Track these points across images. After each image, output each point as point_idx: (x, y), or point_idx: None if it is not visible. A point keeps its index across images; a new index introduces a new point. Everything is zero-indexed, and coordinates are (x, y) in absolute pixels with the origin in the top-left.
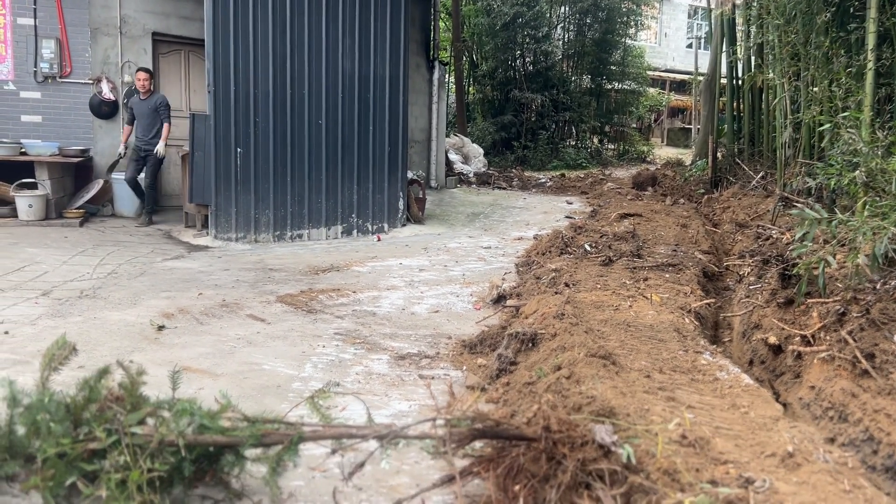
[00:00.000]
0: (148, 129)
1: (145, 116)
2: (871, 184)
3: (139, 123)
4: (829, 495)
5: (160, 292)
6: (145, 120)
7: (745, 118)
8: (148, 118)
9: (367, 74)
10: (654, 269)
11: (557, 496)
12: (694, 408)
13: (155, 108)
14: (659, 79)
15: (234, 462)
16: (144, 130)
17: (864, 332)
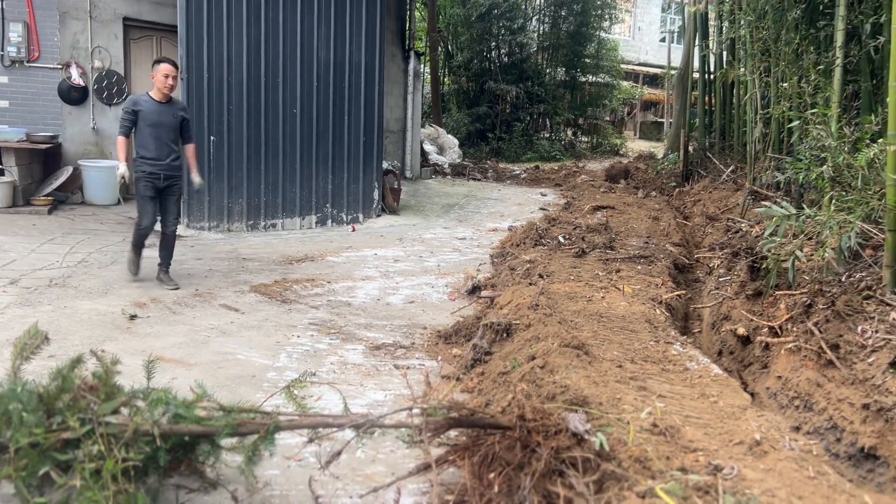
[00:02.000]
0: (168, 146)
1: (165, 129)
2: (838, 179)
3: (154, 138)
4: (794, 482)
5: (132, 281)
6: (165, 134)
7: (717, 112)
8: (168, 132)
9: (342, 63)
10: (626, 260)
11: (531, 483)
12: (665, 397)
13: (181, 118)
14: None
15: (209, 451)
16: (162, 149)
17: (829, 324)
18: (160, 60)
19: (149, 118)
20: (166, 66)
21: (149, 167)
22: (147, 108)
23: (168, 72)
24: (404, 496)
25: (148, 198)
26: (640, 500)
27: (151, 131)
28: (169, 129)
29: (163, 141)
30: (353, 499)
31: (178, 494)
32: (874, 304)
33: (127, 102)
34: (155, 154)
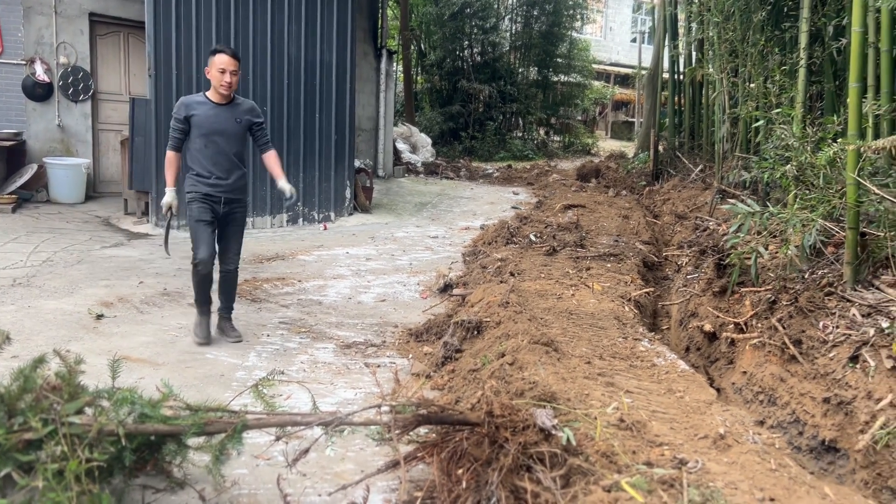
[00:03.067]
0: (231, 161)
1: (226, 139)
2: (802, 177)
3: (212, 152)
4: (757, 474)
5: (98, 281)
6: (226, 145)
7: (686, 112)
8: (231, 142)
9: (313, 61)
10: (596, 258)
11: (499, 479)
12: (632, 392)
13: (248, 123)
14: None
15: (176, 451)
16: (223, 165)
17: (792, 320)
18: (216, 50)
19: (204, 125)
20: (223, 57)
21: (204, 187)
22: (202, 114)
23: (225, 65)
24: (373, 493)
25: (204, 223)
26: (606, 494)
27: (208, 143)
28: (232, 139)
29: (223, 154)
30: (322, 497)
31: (144, 494)
32: (835, 300)
33: (177, 106)
34: (213, 171)
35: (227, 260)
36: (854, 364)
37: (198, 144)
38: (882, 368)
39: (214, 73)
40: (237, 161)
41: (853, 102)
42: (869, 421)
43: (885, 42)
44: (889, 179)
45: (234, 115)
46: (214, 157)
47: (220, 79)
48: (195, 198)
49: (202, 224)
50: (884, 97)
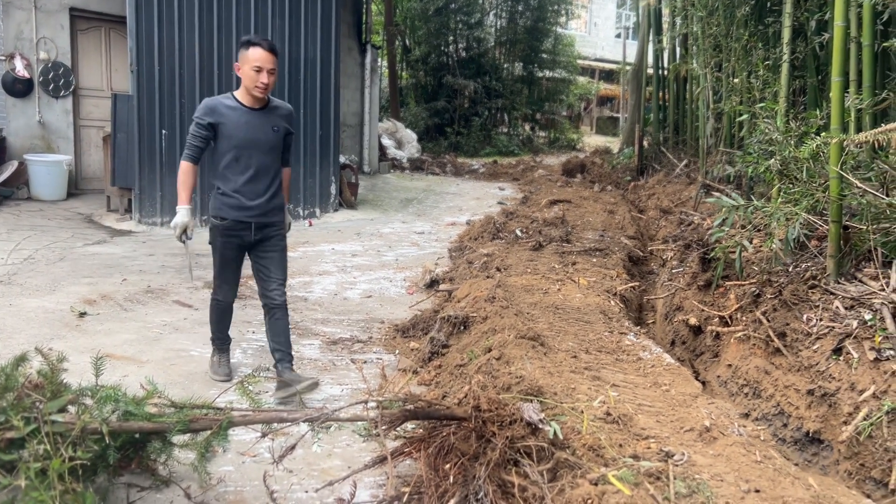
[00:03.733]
0: (264, 175)
1: (260, 151)
2: (785, 171)
3: (242, 166)
4: (742, 466)
5: (81, 278)
6: (259, 158)
7: (671, 108)
8: (265, 155)
9: (297, 56)
10: (582, 253)
11: (486, 473)
12: (618, 386)
13: (285, 132)
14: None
15: (161, 449)
16: (256, 182)
17: (776, 313)
18: (249, 42)
19: (235, 136)
20: (258, 52)
21: (233, 211)
22: (233, 121)
23: (261, 62)
24: (361, 489)
25: (228, 259)
26: (593, 487)
27: (239, 156)
28: (267, 151)
29: (257, 170)
30: (309, 493)
31: (128, 493)
32: (819, 292)
33: (201, 109)
34: (244, 192)
35: (272, 292)
36: (837, 356)
37: (226, 158)
38: (865, 360)
39: (247, 70)
40: (273, 176)
41: (836, 96)
42: (852, 412)
43: (866, 36)
44: (871, 173)
45: (270, 122)
46: (246, 173)
47: (255, 79)
48: (219, 225)
49: (226, 260)
50: (865, 91)
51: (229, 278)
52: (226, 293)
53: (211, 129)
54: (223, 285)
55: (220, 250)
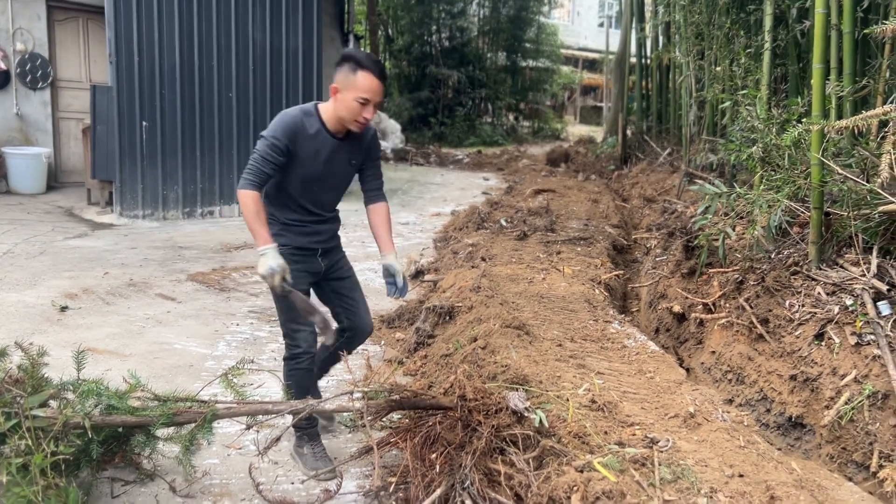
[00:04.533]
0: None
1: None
2: (767, 159)
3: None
4: (726, 451)
5: (62, 272)
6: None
7: (654, 96)
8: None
9: (279, 46)
10: (566, 242)
11: (472, 462)
12: (603, 374)
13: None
14: (572, 57)
15: (144, 442)
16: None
17: (759, 299)
18: (359, 63)
19: (312, 166)
20: (370, 81)
21: (299, 237)
22: (313, 149)
23: (371, 94)
24: (347, 480)
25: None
26: (579, 475)
27: (311, 187)
28: (334, 187)
29: (327, 197)
30: (295, 484)
31: (112, 487)
32: (801, 279)
33: (279, 128)
34: (311, 215)
35: (363, 323)
36: (819, 341)
37: (294, 186)
38: (846, 345)
39: (349, 100)
40: (335, 205)
41: (817, 83)
42: (834, 397)
43: (847, 24)
44: (852, 160)
45: (350, 155)
46: (316, 200)
47: (358, 113)
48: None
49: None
50: (846, 78)
51: (307, 326)
52: (305, 336)
53: (286, 154)
54: (300, 327)
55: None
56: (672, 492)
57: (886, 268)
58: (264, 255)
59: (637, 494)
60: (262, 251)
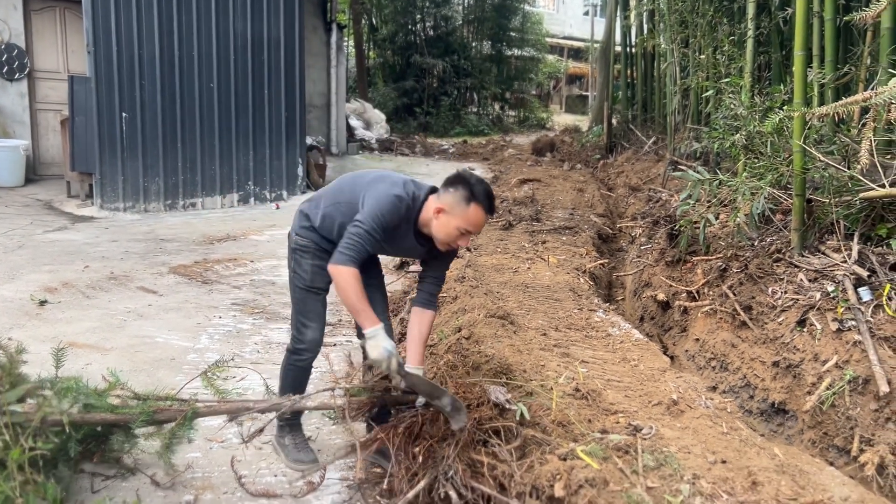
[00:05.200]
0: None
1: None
2: (750, 146)
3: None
4: (709, 438)
5: (41, 266)
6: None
7: (639, 85)
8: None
9: (260, 36)
10: (551, 232)
11: (455, 453)
12: (587, 362)
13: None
14: (557, 46)
15: (124, 441)
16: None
17: (742, 287)
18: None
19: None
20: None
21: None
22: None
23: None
24: (330, 471)
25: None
26: (562, 463)
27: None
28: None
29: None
30: (278, 477)
31: (92, 482)
32: (783, 266)
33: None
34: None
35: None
36: (802, 328)
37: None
38: (828, 331)
39: (450, 225)
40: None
41: (798, 70)
42: (815, 382)
43: (828, 11)
44: (833, 146)
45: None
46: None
47: (455, 240)
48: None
49: (315, 291)
50: (828, 66)
51: (315, 315)
52: (313, 335)
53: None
54: (309, 324)
55: (308, 277)
56: (655, 478)
57: (867, 254)
58: (374, 337)
59: (620, 482)
60: (372, 333)
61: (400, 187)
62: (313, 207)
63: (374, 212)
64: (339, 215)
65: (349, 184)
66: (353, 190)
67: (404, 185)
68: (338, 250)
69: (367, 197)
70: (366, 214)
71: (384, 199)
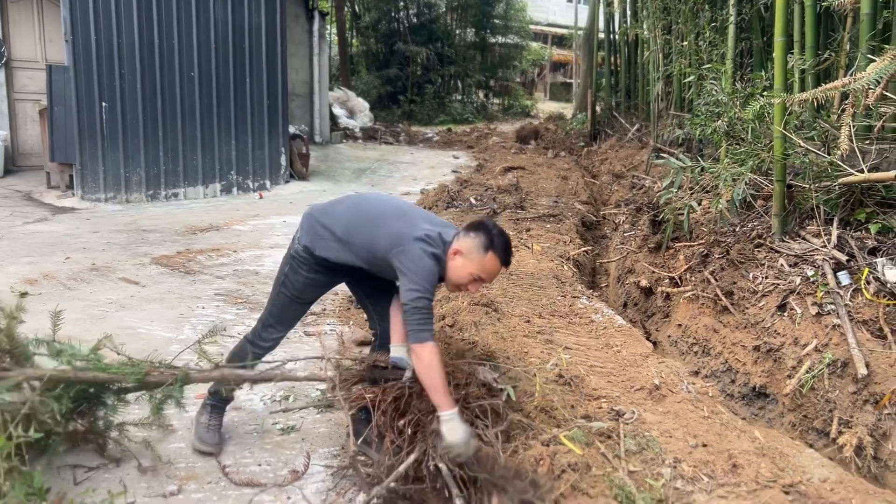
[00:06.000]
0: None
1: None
2: (732, 132)
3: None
4: (691, 422)
5: (21, 257)
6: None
7: (622, 72)
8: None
9: (241, 24)
10: (536, 219)
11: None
12: (570, 349)
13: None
14: (541, 33)
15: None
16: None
17: (724, 272)
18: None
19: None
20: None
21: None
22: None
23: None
24: (314, 458)
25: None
26: (545, 448)
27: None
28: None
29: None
30: (262, 466)
31: (74, 474)
32: (764, 251)
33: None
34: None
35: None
36: (782, 312)
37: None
38: (808, 315)
39: (465, 271)
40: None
41: (778, 57)
42: (795, 366)
43: None
44: (814, 132)
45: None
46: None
47: (467, 284)
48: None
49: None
50: (808, 52)
51: (289, 322)
52: (277, 337)
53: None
54: (280, 328)
55: (300, 288)
56: (637, 462)
57: (846, 238)
58: (451, 420)
59: (602, 466)
60: (449, 416)
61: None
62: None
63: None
64: (348, 254)
65: (365, 221)
66: (374, 234)
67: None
68: (412, 329)
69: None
70: (418, 283)
71: (426, 264)
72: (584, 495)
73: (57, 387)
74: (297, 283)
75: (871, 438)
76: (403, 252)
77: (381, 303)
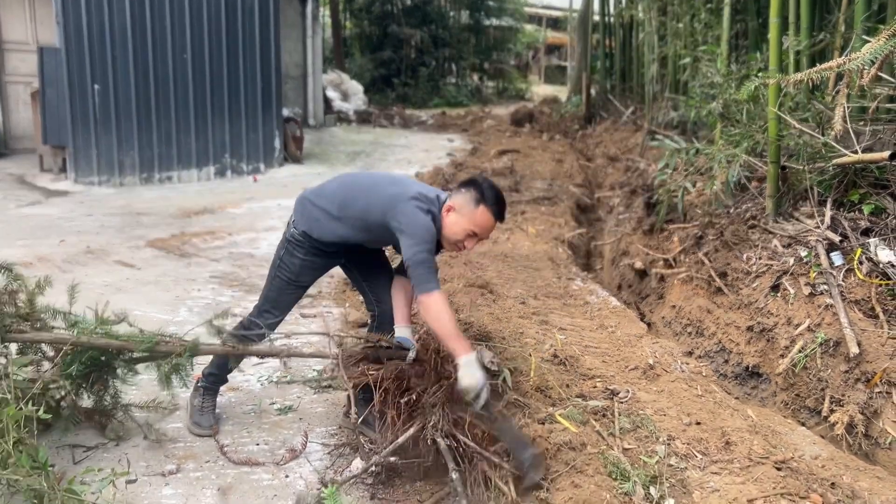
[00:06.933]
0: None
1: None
2: (727, 114)
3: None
4: (684, 400)
5: (15, 241)
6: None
7: (617, 55)
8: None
9: (234, 5)
10: (530, 202)
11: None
12: (565, 330)
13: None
14: (536, 15)
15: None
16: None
17: (718, 253)
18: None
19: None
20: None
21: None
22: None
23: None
24: (312, 438)
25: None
26: (541, 427)
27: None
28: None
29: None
30: (260, 446)
31: (73, 454)
32: (758, 232)
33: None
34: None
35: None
36: (775, 293)
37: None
38: (801, 295)
39: (459, 227)
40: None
41: (774, 38)
42: (788, 346)
43: None
44: (808, 114)
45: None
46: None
47: (462, 242)
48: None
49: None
50: (803, 33)
51: (285, 307)
52: (273, 322)
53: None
54: (276, 313)
55: (296, 271)
56: (631, 440)
57: (839, 219)
58: (469, 365)
59: (597, 444)
60: (467, 361)
61: (424, 202)
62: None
63: (421, 234)
64: (345, 229)
65: (362, 192)
66: (368, 202)
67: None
68: (417, 282)
69: (400, 221)
70: (417, 238)
71: (422, 220)
72: (580, 473)
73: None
74: (293, 267)
75: (862, 416)
76: (399, 212)
77: (379, 283)
